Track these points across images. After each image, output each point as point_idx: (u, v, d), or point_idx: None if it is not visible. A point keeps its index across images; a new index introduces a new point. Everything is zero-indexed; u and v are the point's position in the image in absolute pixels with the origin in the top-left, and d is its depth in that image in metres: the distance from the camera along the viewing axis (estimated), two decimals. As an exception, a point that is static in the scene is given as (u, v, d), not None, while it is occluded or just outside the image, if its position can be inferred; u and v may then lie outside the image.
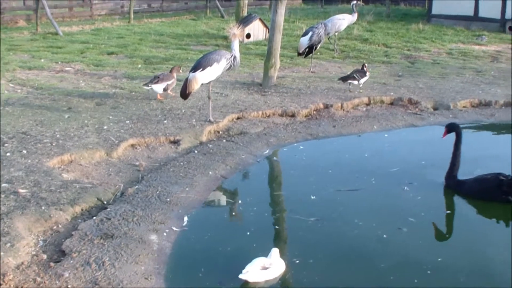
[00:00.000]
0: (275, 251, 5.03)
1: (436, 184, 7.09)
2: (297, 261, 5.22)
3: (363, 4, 18.39)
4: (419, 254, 5.42)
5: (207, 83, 8.88)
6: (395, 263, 5.27)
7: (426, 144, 8.66)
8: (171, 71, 10.48)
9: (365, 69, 11.42)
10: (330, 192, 6.95)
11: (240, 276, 4.83)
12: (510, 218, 6.34)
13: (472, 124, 9.76)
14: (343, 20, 14.68)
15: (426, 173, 7.43)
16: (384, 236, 5.74)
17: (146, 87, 10.31)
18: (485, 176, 6.94)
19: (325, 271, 5.12)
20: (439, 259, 5.31)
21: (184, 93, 8.80)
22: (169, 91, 10.28)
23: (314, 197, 6.70)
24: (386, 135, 9.04)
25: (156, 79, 10.17)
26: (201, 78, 8.66)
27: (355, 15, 15.19)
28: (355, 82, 11.27)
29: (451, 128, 7.41)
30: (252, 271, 4.86)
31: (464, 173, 7.03)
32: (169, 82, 10.19)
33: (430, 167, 7.66)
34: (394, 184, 7.07)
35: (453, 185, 7.11)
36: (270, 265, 4.93)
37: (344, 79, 11.31)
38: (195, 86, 8.73)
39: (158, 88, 10.15)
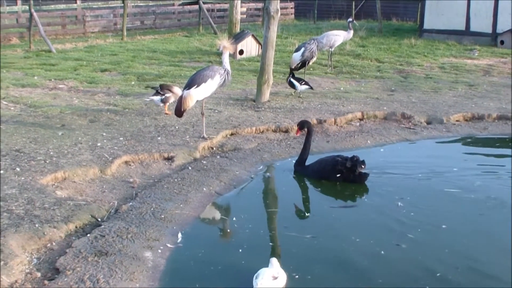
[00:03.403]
0: (275, 260, 5.04)
1: (429, 199, 7.10)
2: (296, 276, 5.21)
3: (356, 23, 18.59)
4: (417, 270, 5.42)
5: (201, 100, 8.87)
6: (393, 279, 5.26)
7: (420, 158, 8.68)
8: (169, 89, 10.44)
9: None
10: (324, 208, 6.96)
11: None
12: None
13: (465, 138, 9.81)
14: (338, 36, 14.76)
15: (419, 189, 7.44)
16: (382, 252, 5.73)
17: (146, 99, 10.48)
18: (324, 158, 7.95)
19: (325, 286, 5.11)
20: (438, 274, 5.31)
21: (179, 111, 8.72)
22: (168, 104, 10.29)
23: (308, 214, 6.70)
24: (381, 150, 9.06)
25: (157, 91, 10.35)
26: (196, 95, 8.62)
27: (351, 32, 15.31)
28: (304, 88, 12.19)
29: (303, 125, 8.32)
30: (266, 283, 4.88)
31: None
32: (168, 95, 10.21)
33: (425, 181, 7.68)
34: (388, 200, 7.08)
35: (300, 170, 8.00)
36: (278, 274, 4.96)
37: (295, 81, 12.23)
38: (190, 103, 8.67)
39: (157, 98, 10.22)
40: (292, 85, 12.22)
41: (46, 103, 11.07)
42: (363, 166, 7.56)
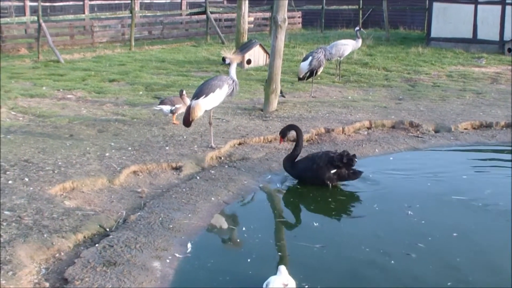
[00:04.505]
0: (283, 268, 5.02)
1: (439, 207, 7.08)
2: (306, 286, 5.20)
3: (364, 31, 18.59)
4: (428, 280, 5.39)
5: (209, 109, 8.87)
6: None
7: (429, 167, 8.65)
8: (180, 96, 10.49)
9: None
10: (333, 217, 6.95)
11: None
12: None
13: (473, 146, 9.78)
14: (347, 46, 14.75)
15: (429, 197, 7.42)
16: (392, 262, 5.71)
17: (156, 108, 10.50)
18: (314, 154, 7.94)
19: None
20: (449, 283, 5.29)
21: (187, 121, 8.71)
22: (176, 114, 10.32)
23: (317, 223, 6.69)
24: (391, 158, 9.04)
25: (166, 100, 10.40)
26: (204, 104, 8.61)
27: (359, 41, 15.30)
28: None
29: (285, 133, 8.32)
30: None
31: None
32: (178, 106, 10.25)
33: (434, 189, 7.66)
34: (397, 209, 7.06)
35: (289, 167, 7.95)
36: (288, 281, 4.95)
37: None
38: (199, 113, 8.66)
39: (167, 108, 10.25)
40: None
41: (54, 113, 11.10)
42: (356, 160, 7.65)
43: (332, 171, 7.60)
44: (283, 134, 8.32)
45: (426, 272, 5.53)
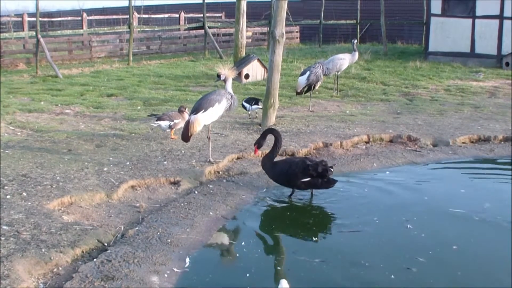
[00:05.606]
0: (285, 282, 5.00)
1: (438, 220, 7.07)
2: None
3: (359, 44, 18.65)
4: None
5: (208, 124, 8.86)
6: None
7: (427, 181, 8.65)
8: (179, 111, 10.52)
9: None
10: (333, 232, 6.93)
11: None
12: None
13: (471, 160, 9.78)
14: (343, 60, 14.75)
15: (427, 210, 7.40)
16: (392, 276, 5.68)
17: (153, 124, 10.47)
18: (293, 160, 7.93)
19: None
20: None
21: (186, 136, 8.66)
22: (174, 129, 10.32)
23: (316, 238, 6.67)
24: (387, 172, 9.02)
25: (164, 116, 10.38)
26: (203, 119, 8.60)
27: (356, 54, 15.25)
28: (254, 107, 12.14)
29: (261, 143, 8.19)
30: None
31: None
32: (176, 121, 10.25)
33: (431, 202, 7.65)
34: (396, 222, 7.04)
35: (268, 166, 7.97)
36: None
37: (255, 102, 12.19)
38: (198, 128, 8.62)
39: (165, 124, 10.24)
40: (244, 108, 12.34)
41: (52, 128, 11.10)
42: (331, 171, 7.63)
43: (305, 179, 7.62)
44: (259, 144, 8.22)
45: (427, 286, 5.51)
